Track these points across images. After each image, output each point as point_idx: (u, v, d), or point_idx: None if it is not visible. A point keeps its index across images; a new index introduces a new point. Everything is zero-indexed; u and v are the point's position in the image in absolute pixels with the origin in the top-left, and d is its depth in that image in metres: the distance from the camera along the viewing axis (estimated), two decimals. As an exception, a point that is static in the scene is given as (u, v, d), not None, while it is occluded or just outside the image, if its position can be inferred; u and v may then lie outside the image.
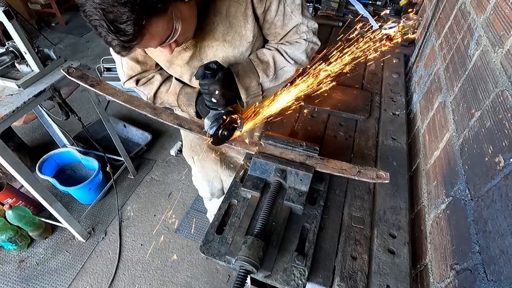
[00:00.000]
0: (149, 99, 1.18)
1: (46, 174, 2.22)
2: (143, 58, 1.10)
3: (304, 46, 1.07)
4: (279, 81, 1.11)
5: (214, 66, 0.88)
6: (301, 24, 1.04)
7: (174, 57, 1.06)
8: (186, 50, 1.04)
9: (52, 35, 4.64)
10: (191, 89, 1.13)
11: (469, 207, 0.75)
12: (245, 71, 1.03)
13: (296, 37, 1.07)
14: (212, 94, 0.91)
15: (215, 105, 0.95)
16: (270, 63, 1.06)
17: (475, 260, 0.66)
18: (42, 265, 2.05)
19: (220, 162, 1.57)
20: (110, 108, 3.28)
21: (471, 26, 1.03)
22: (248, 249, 0.80)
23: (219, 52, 1.05)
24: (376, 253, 0.91)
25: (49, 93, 1.68)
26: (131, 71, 1.12)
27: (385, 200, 1.06)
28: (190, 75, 1.13)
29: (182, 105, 1.14)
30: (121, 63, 1.12)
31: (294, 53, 1.07)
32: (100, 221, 2.30)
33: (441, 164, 1.00)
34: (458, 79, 1.02)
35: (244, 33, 1.01)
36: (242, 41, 1.03)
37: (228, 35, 1.00)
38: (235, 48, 1.03)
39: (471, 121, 0.84)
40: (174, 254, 2.09)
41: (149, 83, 1.16)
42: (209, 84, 0.89)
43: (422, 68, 1.57)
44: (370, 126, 1.36)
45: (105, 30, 0.69)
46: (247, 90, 1.05)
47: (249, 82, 1.04)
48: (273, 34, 1.08)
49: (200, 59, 1.08)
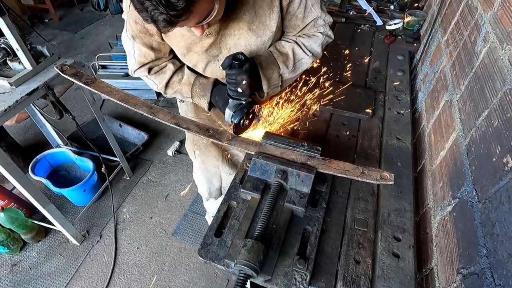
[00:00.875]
0: (160, 89, 1.19)
1: (39, 175, 2.21)
2: (158, 45, 1.11)
3: (321, 39, 1.13)
4: (296, 72, 1.16)
5: (241, 57, 0.93)
6: (319, 17, 1.09)
7: (194, 43, 1.08)
8: (208, 36, 1.06)
9: (45, 32, 4.64)
10: (206, 80, 1.16)
11: (476, 209, 0.75)
12: (267, 62, 1.08)
13: (314, 30, 1.13)
14: (239, 84, 0.96)
15: (240, 95, 1.00)
16: (290, 55, 1.11)
17: (483, 264, 0.66)
18: (35, 269, 2.05)
19: (222, 158, 1.58)
20: (105, 107, 3.28)
21: (478, 22, 1.03)
22: (248, 252, 0.80)
23: (242, 41, 1.08)
24: (380, 257, 0.91)
25: (42, 91, 1.68)
26: (143, 58, 1.13)
27: (390, 202, 1.06)
28: (206, 64, 1.15)
29: (195, 96, 1.16)
30: (133, 50, 1.12)
31: (312, 46, 1.13)
32: (95, 224, 2.30)
33: (447, 164, 1.00)
34: (465, 77, 1.02)
35: (268, 22, 1.05)
36: (265, 31, 1.07)
37: (253, 24, 1.04)
38: (258, 37, 1.07)
39: (478, 120, 0.84)
40: (168, 259, 2.09)
41: (161, 72, 1.17)
42: (237, 74, 0.94)
43: (428, 65, 1.57)
44: (374, 125, 1.36)
45: (155, 3, 0.70)
46: (269, 81, 1.09)
47: (271, 74, 1.09)
48: (292, 26, 1.12)
49: (219, 48, 1.10)
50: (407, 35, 1.89)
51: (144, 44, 1.09)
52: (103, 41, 4.36)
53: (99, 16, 5.04)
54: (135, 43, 1.09)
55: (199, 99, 1.16)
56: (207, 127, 1.13)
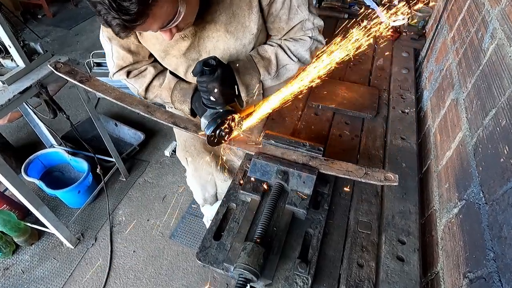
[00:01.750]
0: (140, 94, 1.17)
1: (32, 176, 2.21)
2: (136, 47, 1.09)
3: (309, 43, 1.07)
4: (280, 80, 1.10)
5: (213, 62, 0.88)
6: (307, 20, 1.04)
7: (170, 46, 1.05)
8: (184, 39, 1.03)
9: (39, 28, 4.64)
10: (187, 85, 1.12)
11: (483, 211, 0.75)
12: (245, 68, 1.03)
13: (301, 34, 1.07)
14: (211, 92, 0.91)
15: (214, 103, 0.95)
16: (272, 60, 1.06)
17: (490, 267, 0.66)
18: (28, 273, 2.05)
19: (216, 165, 1.57)
20: (100, 105, 3.28)
21: (485, 19, 1.03)
22: (247, 256, 0.80)
23: (220, 44, 1.04)
24: (384, 260, 0.91)
25: (35, 89, 1.68)
26: (121, 61, 1.11)
27: (394, 204, 1.06)
28: (186, 68, 1.12)
29: (176, 102, 1.13)
30: (111, 53, 1.10)
31: (298, 50, 1.07)
32: (89, 226, 2.30)
33: (454, 165, 1.00)
34: (472, 75, 1.02)
35: (248, 24, 1.01)
36: (245, 33, 1.03)
37: (231, 26, 1.00)
38: (237, 39, 1.03)
39: (486, 120, 0.84)
40: (165, 262, 2.09)
41: (140, 76, 1.15)
42: (208, 81, 0.88)
43: (433, 63, 1.57)
44: (377, 125, 1.36)
45: (106, 7, 0.68)
46: (247, 88, 1.04)
47: (249, 80, 1.04)
48: (276, 29, 1.08)
49: (198, 51, 1.08)
50: (412, 32, 1.89)
51: (122, 47, 1.07)
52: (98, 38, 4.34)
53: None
54: (112, 45, 1.07)
55: (179, 105, 1.12)
56: (206, 127, 1.13)
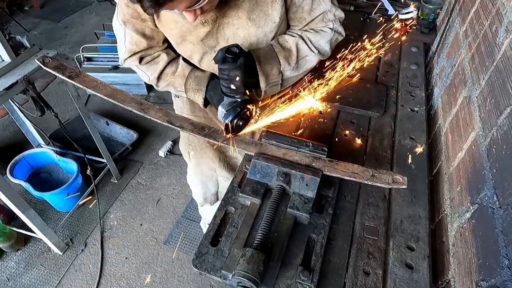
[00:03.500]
0: (152, 81, 1.19)
1: (18, 178, 2.22)
2: (151, 32, 1.11)
3: (330, 35, 1.11)
4: (300, 71, 1.14)
5: (235, 50, 0.91)
6: (328, 11, 1.08)
7: (189, 32, 1.08)
8: (204, 25, 1.06)
9: (26, 20, 4.64)
10: (202, 73, 1.15)
11: (497, 216, 0.75)
12: (266, 57, 1.06)
13: (322, 25, 1.11)
14: (232, 80, 0.94)
15: (233, 92, 0.98)
16: (293, 50, 1.10)
17: (504, 276, 0.66)
18: (14, 280, 2.05)
19: (219, 161, 1.58)
20: (90, 103, 3.28)
21: (500, 11, 1.03)
22: (247, 263, 0.80)
23: (240, 31, 1.07)
24: (392, 268, 0.91)
25: (21, 85, 1.68)
26: (135, 46, 1.12)
27: (402, 208, 1.06)
28: (201, 55, 1.15)
29: (190, 90, 1.15)
30: (124, 37, 1.12)
31: (319, 42, 1.11)
32: (79, 231, 2.30)
33: (466, 167, 1.00)
34: (485, 71, 1.02)
35: (270, 12, 1.04)
36: (267, 21, 1.06)
37: (253, 13, 1.04)
38: (259, 27, 1.07)
39: (500, 119, 0.84)
40: (159, 269, 2.09)
41: (153, 63, 1.17)
42: (230, 69, 0.92)
43: (445, 58, 1.57)
44: (385, 124, 1.36)
45: None
46: (267, 78, 1.08)
47: (270, 69, 1.07)
48: (298, 19, 1.12)
49: (216, 38, 1.10)
50: (422, 25, 1.89)
51: (136, 31, 1.09)
52: (88, 31, 4.36)
53: (84, 3, 5.04)
54: (126, 29, 1.09)
55: (193, 94, 1.15)
56: (203, 126, 1.13)
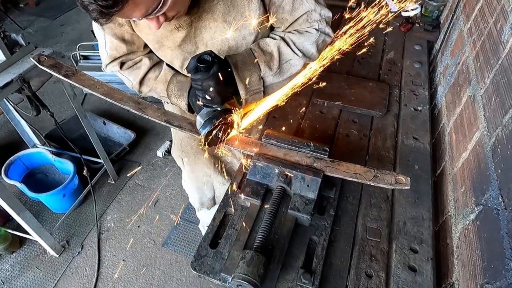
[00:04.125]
0: (134, 87, 1.17)
1: (13, 179, 2.21)
2: (130, 37, 1.10)
3: (315, 36, 1.05)
4: (283, 76, 1.09)
5: (208, 58, 0.86)
6: (313, 11, 1.03)
7: (165, 37, 1.06)
8: (179, 29, 1.03)
9: (21, 18, 4.64)
10: (184, 78, 1.13)
11: (503, 217, 0.75)
12: (244, 63, 1.01)
13: (306, 26, 1.06)
14: (206, 91, 0.90)
15: (209, 102, 0.94)
16: (274, 54, 1.05)
17: (510, 278, 0.66)
18: (9, 283, 2.05)
19: (214, 167, 1.56)
20: (87, 102, 3.28)
21: (505, 8, 1.03)
22: (246, 265, 0.80)
23: (218, 35, 1.04)
24: (394, 271, 0.91)
25: (17, 84, 1.68)
26: (115, 51, 1.11)
27: (405, 209, 1.06)
28: (182, 61, 1.13)
29: (172, 96, 1.13)
30: (105, 42, 1.11)
31: (303, 44, 1.06)
32: (75, 233, 2.30)
33: (470, 167, 1.00)
34: (490, 69, 1.02)
35: (247, 14, 1.00)
36: (245, 23, 1.03)
37: (229, 15, 1.01)
38: (236, 30, 1.03)
39: (505, 118, 0.84)
40: (158, 272, 2.09)
41: (135, 68, 1.15)
42: (203, 79, 0.88)
43: (449, 56, 1.57)
44: (388, 123, 1.36)
45: None
46: (246, 86, 1.03)
47: (249, 76, 1.02)
48: (280, 20, 1.06)
49: (195, 43, 1.08)
50: (425, 23, 1.88)
51: (115, 35, 1.07)
52: (85, 28, 4.36)
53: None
54: (105, 34, 1.07)
55: (176, 100, 1.12)
56: (202, 125, 1.13)
